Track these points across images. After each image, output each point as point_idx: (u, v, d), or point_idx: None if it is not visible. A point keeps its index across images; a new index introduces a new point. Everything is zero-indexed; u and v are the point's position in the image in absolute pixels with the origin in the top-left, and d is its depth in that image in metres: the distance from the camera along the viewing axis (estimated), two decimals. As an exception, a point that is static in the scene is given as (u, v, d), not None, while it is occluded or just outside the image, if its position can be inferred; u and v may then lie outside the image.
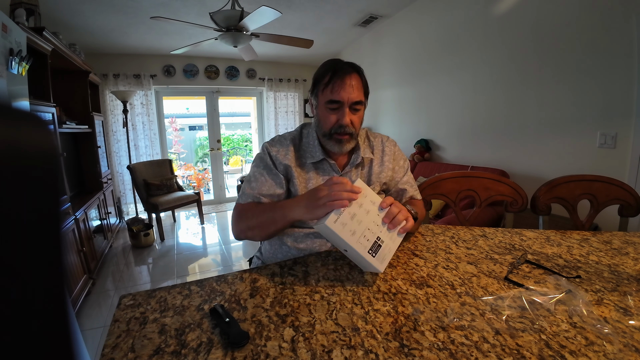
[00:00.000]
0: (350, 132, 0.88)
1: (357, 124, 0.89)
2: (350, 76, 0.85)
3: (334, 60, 0.89)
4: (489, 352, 0.48)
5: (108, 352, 0.50)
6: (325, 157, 0.92)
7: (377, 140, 1.02)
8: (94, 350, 1.69)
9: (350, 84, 0.84)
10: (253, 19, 2.08)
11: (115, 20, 3.06)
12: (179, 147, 6.75)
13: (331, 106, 0.86)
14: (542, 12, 2.07)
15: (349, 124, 0.86)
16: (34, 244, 0.19)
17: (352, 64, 0.88)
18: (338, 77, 0.84)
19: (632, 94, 1.67)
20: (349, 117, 0.86)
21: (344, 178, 0.72)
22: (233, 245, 3.31)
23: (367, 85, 0.91)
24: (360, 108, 0.88)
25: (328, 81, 0.85)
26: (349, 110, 0.86)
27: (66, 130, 2.50)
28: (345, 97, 0.84)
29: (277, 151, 0.92)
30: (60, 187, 1.86)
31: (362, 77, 0.89)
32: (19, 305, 0.19)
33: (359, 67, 0.89)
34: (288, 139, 0.96)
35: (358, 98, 0.86)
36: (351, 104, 0.86)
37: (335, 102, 0.85)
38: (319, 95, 0.88)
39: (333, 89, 0.85)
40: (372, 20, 3.48)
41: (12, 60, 1.50)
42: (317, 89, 0.89)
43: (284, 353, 0.49)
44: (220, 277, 0.73)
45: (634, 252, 0.85)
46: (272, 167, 0.91)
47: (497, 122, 2.48)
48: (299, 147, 0.96)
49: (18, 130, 0.19)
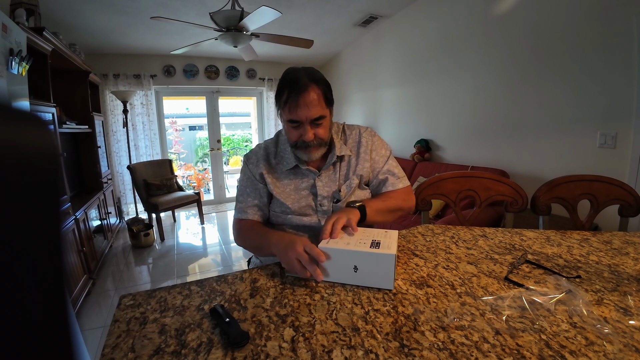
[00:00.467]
0: (317, 144, 0.88)
1: (322, 135, 0.88)
2: (307, 93, 0.81)
3: (291, 72, 0.86)
4: (489, 352, 0.48)
5: (108, 352, 0.50)
6: (298, 163, 0.94)
7: (353, 133, 1.01)
8: (94, 350, 1.69)
9: (307, 101, 0.81)
10: (253, 19, 2.08)
11: (115, 20, 3.06)
12: (179, 147, 6.75)
13: (292, 125, 0.86)
14: (542, 12, 2.07)
15: (311, 139, 0.86)
16: (34, 244, 0.19)
17: (310, 73, 0.85)
18: (294, 95, 0.82)
19: (632, 94, 1.67)
20: (311, 132, 0.85)
21: (313, 249, 0.69)
22: (233, 245, 3.31)
23: (329, 93, 0.87)
24: (322, 122, 0.86)
25: (285, 99, 0.84)
26: (310, 126, 0.85)
27: (66, 130, 2.51)
28: (303, 116, 0.83)
29: (253, 162, 0.98)
30: (60, 187, 1.86)
31: (322, 86, 0.85)
32: (18, 305, 0.19)
33: (318, 76, 0.85)
34: (262, 147, 1.00)
35: (317, 114, 0.84)
36: (312, 121, 0.84)
37: (295, 122, 0.85)
38: (281, 112, 0.88)
39: (290, 109, 0.84)
40: (372, 20, 3.48)
41: (12, 60, 1.50)
42: (278, 105, 0.88)
43: (284, 353, 0.49)
44: (220, 277, 0.73)
45: (634, 252, 0.84)
46: (252, 177, 0.97)
47: (497, 122, 2.48)
48: (276, 154, 0.99)
49: (18, 130, 0.19)
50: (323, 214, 0.96)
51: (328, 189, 0.96)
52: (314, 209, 0.96)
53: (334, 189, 0.96)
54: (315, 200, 0.95)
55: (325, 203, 0.95)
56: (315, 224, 0.96)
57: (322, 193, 0.95)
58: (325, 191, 0.95)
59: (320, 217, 0.96)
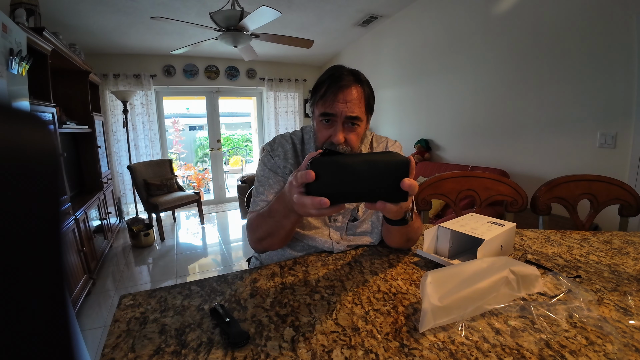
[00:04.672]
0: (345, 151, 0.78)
1: (353, 141, 0.78)
2: (348, 89, 0.75)
3: (335, 69, 0.80)
4: (489, 352, 0.48)
5: (108, 352, 0.50)
6: None
7: (380, 146, 0.94)
8: (94, 350, 1.69)
9: (346, 97, 0.75)
10: (253, 19, 2.08)
11: (115, 20, 3.06)
12: (179, 147, 6.75)
13: (324, 120, 0.78)
14: (542, 12, 2.07)
15: (341, 141, 0.76)
16: (34, 245, 0.19)
17: (355, 73, 0.79)
18: (334, 88, 0.75)
19: (632, 93, 1.67)
20: (343, 133, 0.76)
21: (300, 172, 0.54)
22: (233, 245, 3.31)
23: (371, 99, 0.81)
24: (358, 124, 0.77)
25: (323, 93, 0.76)
26: (344, 125, 0.76)
27: (66, 130, 2.51)
28: (338, 111, 0.74)
29: (279, 154, 0.89)
30: (60, 188, 1.86)
31: (366, 89, 0.79)
32: (19, 305, 0.19)
33: (363, 79, 0.79)
34: (289, 141, 0.91)
35: (354, 113, 0.75)
36: (346, 118, 0.75)
37: (328, 115, 0.76)
38: (315, 107, 0.80)
39: (326, 102, 0.76)
40: (372, 20, 3.48)
41: (12, 60, 1.50)
42: (314, 99, 0.81)
43: (284, 353, 0.49)
44: (220, 277, 0.73)
45: (634, 252, 0.84)
46: (275, 169, 0.88)
47: (497, 122, 2.48)
48: (302, 150, 0.91)
49: (18, 130, 0.19)
50: (335, 231, 0.88)
51: (347, 205, 0.88)
52: (326, 222, 0.88)
53: (353, 206, 0.89)
54: None
55: (340, 219, 0.88)
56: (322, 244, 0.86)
57: None
58: None
59: (332, 233, 0.88)
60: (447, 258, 0.78)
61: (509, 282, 0.60)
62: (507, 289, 0.59)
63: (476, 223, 0.83)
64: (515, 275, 0.60)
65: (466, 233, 0.77)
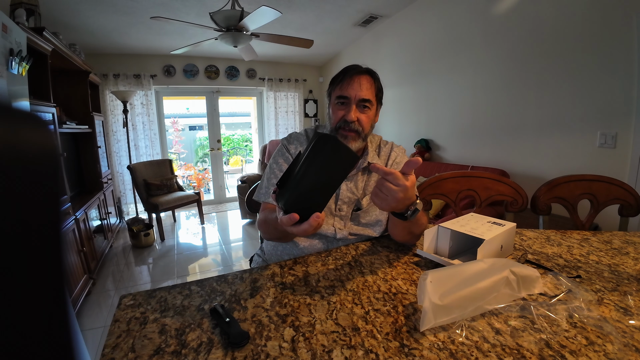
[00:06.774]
0: (356, 129, 0.88)
1: (364, 123, 0.89)
2: (361, 76, 0.88)
3: (352, 64, 0.92)
4: (489, 352, 0.48)
5: (108, 352, 0.50)
6: None
7: (386, 148, 1.02)
8: (94, 350, 1.69)
9: (360, 82, 0.87)
10: (253, 19, 2.08)
11: (115, 20, 3.06)
12: (179, 147, 6.75)
13: (339, 102, 0.89)
14: (542, 12, 2.07)
15: (354, 120, 0.87)
16: (34, 245, 0.19)
17: (369, 69, 0.92)
18: (350, 75, 0.88)
19: (632, 94, 1.67)
20: (355, 113, 0.87)
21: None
22: (233, 245, 3.31)
23: (380, 92, 0.93)
24: (368, 106, 0.89)
25: (340, 80, 0.89)
26: (357, 107, 0.88)
27: (66, 130, 2.50)
28: (352, 94, 0.87)
29: (294, 145, 0.97)
30: (60, 188, 1.87)
31: (377, 82, 0.92)
32: (19, 305, 0.19)
33: (374, 72, 0.92)
34: (303, 134, 1.00)
35: (366, 96, 0.88)
36: (359, 101, 0.87)
37: (343, 97, 0.88)
38: (332, 93, 0.92)
39: (342, 86, 0.88)
40: (372, 20, 3.48)
41: (12, 60, 1.50)
42: (331, 88, 0.93)
43: (284, 353, 0.49)
44: (220, 277, 0.73)
45: (634, 252, 0.84)
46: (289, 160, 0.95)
47: (497, 122, 2.48)
48: None
49: (18, 130, 0.19)
50: (339, 220, 0.94)
51: (351, 195, 0.94)
52: (332, 212, 0.94)
53: (356, 196, 0.95)
54: (336, 203, 0.93)
55: (344, 208, 0.94)
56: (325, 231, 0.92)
57: (343, 198, 0.93)
58: (347, 197, 0.94)
59: (335, 222, 0.93)
60: (447, 258, 0.78)
61: (509, 282, 0.60)
62: (507, 289, 0.59)
63: (476, 223, 0.83)
64: (515, 276, 0.60)
65: (466, 233, 0.77)
